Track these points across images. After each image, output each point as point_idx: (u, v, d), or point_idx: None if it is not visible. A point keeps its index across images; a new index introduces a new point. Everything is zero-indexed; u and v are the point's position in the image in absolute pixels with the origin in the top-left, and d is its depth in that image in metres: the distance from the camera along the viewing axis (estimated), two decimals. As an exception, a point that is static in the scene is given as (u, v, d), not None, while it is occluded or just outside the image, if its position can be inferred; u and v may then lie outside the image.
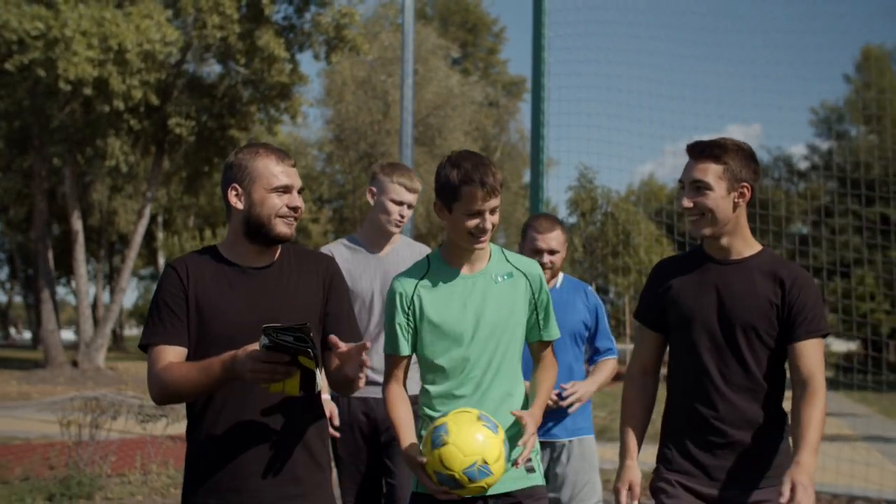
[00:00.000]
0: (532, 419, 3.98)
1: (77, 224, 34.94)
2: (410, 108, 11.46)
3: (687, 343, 4.11)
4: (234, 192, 3.79)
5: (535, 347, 4.26)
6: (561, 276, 5.78)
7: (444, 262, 4.15)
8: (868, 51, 55.45)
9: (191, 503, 3.76)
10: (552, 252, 5.56)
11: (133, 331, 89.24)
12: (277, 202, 3.77)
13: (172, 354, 3.71)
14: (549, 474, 5.57)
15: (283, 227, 3.78)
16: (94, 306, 50.50)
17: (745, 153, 4.06)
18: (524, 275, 4.17)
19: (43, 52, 28.21)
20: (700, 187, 4.02)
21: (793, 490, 3.63)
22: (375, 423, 5.52)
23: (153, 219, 52.38)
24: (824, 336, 4.01)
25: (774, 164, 59.31)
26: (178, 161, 37.38)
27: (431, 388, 4.10)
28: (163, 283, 3.81)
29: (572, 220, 36.70)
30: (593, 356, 5.86)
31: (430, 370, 4.10)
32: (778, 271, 4.05)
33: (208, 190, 46.40)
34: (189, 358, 3.72)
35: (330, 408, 5.45)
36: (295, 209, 3.79)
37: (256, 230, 3.77)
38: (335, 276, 3.97)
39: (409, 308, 4.09)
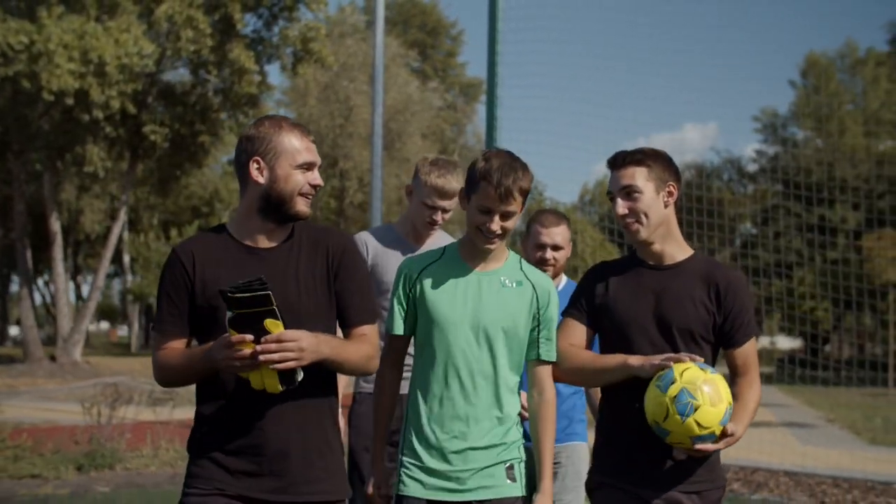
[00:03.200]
0: (544, 493, 4.01)
1: (55, 225, 36.67)
2: (380, 121, 12.82)
3: (623, 347, 4.02)
4: (255, 166, 3.63)
5: (532, 367, 4.09)
6: (564, 278, 5.62)
7: (457, 255, 4.06)
8: (812, 58, 57.51)
9: (199, 477, 3.63)
10: (556, 248, 5.38)
11: (96, 327, 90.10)
12: (301, 179, 3.64)
13: (169, 342, 3.68)
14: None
15: (302, 206, 3.66)
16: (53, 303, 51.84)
17: (663, 156, 4.11)
18: (533, 286, 4.05)
19: (27, 65, 29.84)
20: (631, 192, 4.03)
21: (724, 434, 3.77)
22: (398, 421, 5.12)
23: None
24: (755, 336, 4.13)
25: (724, 166, 61.28)
26: (150, 165, 38.98)
27: (418, 379, 4.00)
28: (165, 270, 3.70)
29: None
30: None
31: (419, 360, 4.01)
32: (712, 277, 4.04)
33: (177, 192, 47.96)
34: (200, 340, 3.70)
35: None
36: (316, 187, 3.68)
37: (276, 207, 3.64)
38: (346, 252, 3.76)
39: (410, 290, 4.01)
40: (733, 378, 4.07)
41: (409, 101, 47.02)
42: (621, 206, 4.05)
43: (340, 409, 4.87)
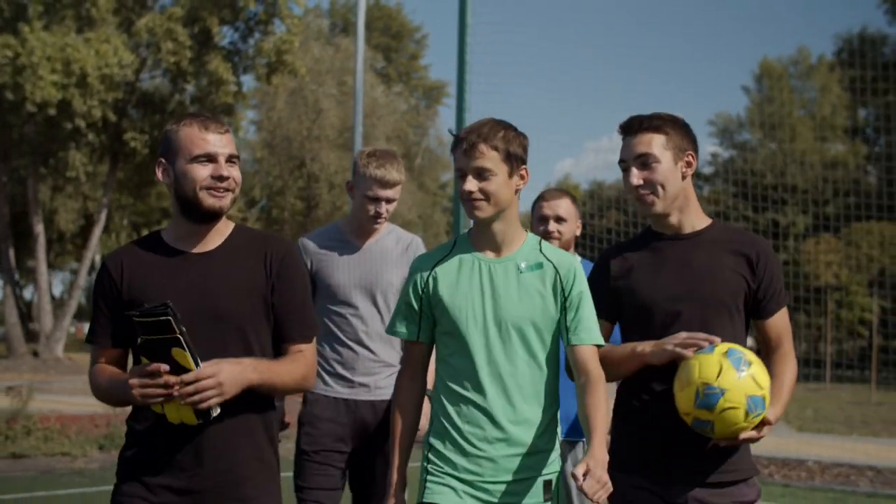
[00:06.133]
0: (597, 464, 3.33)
1: (38, 227, 38.31)
2: (360, 129, 13.66)
3: (648, 328, 3.72)
4: (160, 169, 3.47)
5: (571, 352, 3.67)
6: (577, 258, 5.14)
7: (468, 244, 3.74)
8: (766, 64, 58.92)
9: (126, 495, 3.44)
10: (559, 219, 5.26)
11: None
12: (201, 172, 3.38)
13: (104, 354, 3.54)
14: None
15: (210, 200, 3.39)
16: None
17: (682, 123, 3.79)
18: (555, 267, 3.66)
19: (11, 77, 31.61)
20: (647, 161, 3.70)
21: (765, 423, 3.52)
22: (352, 426, 5.07)
23: (90, 218, 54.81)
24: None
25: None
26: (129, 170, 40.48)
27: (442, 385, 3.69)
28: (96, 280, 3.55)
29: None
30: None
31: (442, 365, 3.71)
32: (741, 244, 3.73)
33: (153, 195, 49.41)
34: (136, 353, 3.48)
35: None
36: (221, 178, 3.38)
37: (186, 206, 3.43)
38: (285, 260, 3.52)
39: (422, 290, 3.70)
40: (767, 354, 3.78)
41: (374, 105, 47.70)
42: (636, 176, 3.72)
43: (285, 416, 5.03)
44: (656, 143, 3.72)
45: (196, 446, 3.37)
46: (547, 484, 3.64)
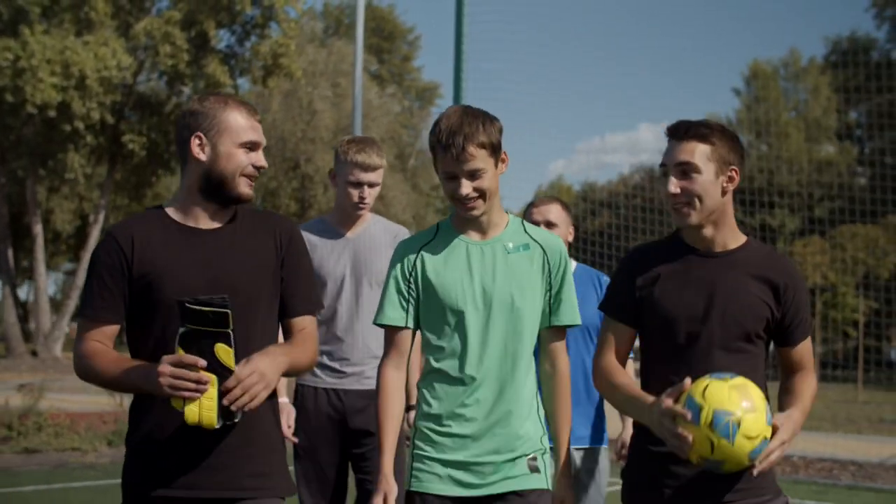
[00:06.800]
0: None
1: (37, 227, 38.77)
2: (359, 129, 13.61)
3: (667, 346, 3.61)
4: (197, 142, 3.41)
5: (545, 335, 3.74)
6: (574, 263, 5.39)
7: (452, 228, 3.73)
8: (756, 66, 59.18)
9: (136, 493, 3.42)
10: (549, 224, 5.17)
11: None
12: (244, 159, 3.42)
13: (100, 331, 3.43)
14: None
15: (245, 188, 3.45)
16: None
17: (731, 135, 3.61)
18: (542, 247, 3.71)
19: (12, 80, 32.05)
20: (687, 170, 3.54)
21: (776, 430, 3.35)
22: (344, 416, 5.08)
23: (86, 218, 55.15)
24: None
25: None
26: (127, 172, 40.86)
27: (430, 369, 3.69)
28: (99, 251, 3.44)
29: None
30: None
31: (430, 349, 3.69)
32: (771, 271, 3.60)
33: (150, 196, 49.72)
34: (133, 328, 3.46)
35: (287, 411, 5.06)
36: (259, 168, 3.45)
37: (217, 187, 3.43)
38: (293, 237, 3.59)
39: (410, 274, 3.68)
40: (787, 375, 3.73)
41: (369, 106, 47.78)
42: (673, 185, 3.56)
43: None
44: (700, 153, 3.55)
45: (205, 442, 3.34)
46: (531, 458, 3.66)
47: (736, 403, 3.22)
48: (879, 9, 50.99)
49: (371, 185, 5.11)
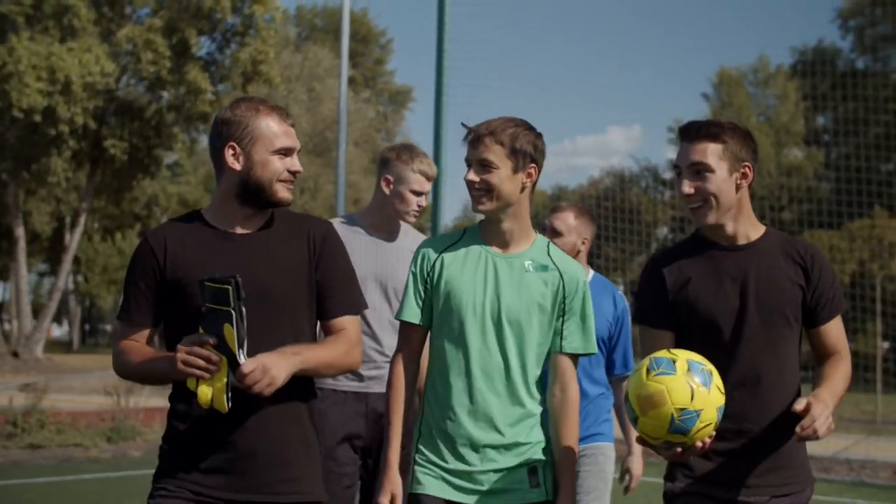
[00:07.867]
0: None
1: (19, 230, 39.46)
2: (344, 137, 13.66)
3: (710, 342, 3.53)
4: (230, 152, 3.42)
5: (554, 359, 3.76)
6: (591, 271, 5.38)
7: (478, 236, 3.75)
8: (724, 72, 59.73)
9: (168, 491, 3.41)
10: (554, 232, 5.23)
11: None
12: (279, 166, 3.43)
13: (134, 333, 3.51)
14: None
15: (284, 193, 3.46)
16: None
17: (743, 132, 3.64)
18: (560, 273, 3.71)
19: (-2, 84, 32.60)
20: (700, 170, 3.56)
21: (809, 407, 3.30)
22: (365, 418, 5.01)
23: (62, 220, 55.43)
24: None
25: (642, 173, 63.46)
26: (107, 176, 41.43)
27: (434, 370, 3.73)
28: (135, 257, 3.50)
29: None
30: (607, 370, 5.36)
31: (435, 350, 3.72)
32: (794, 252, 3.63)
33: (129, 199, 50.18)
34: (169, 329, 3.50)
35: None
36: (295, 173, 3.47)
37: (255, 194, 3.44)
38: (327, 239, 3.57)
39: (428, 274, 3.72)
40: (821, 361, 3.68)
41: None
42: (687, 185, 3.58)
43: None
44: (712, 153, 3.56)
45: (245, 429, 3.36)
46: (532, 470, 3.66)
47: (701, 357, 3.27)
48: (844, 20, 52.10)
49: (426, 195, 5.19)
